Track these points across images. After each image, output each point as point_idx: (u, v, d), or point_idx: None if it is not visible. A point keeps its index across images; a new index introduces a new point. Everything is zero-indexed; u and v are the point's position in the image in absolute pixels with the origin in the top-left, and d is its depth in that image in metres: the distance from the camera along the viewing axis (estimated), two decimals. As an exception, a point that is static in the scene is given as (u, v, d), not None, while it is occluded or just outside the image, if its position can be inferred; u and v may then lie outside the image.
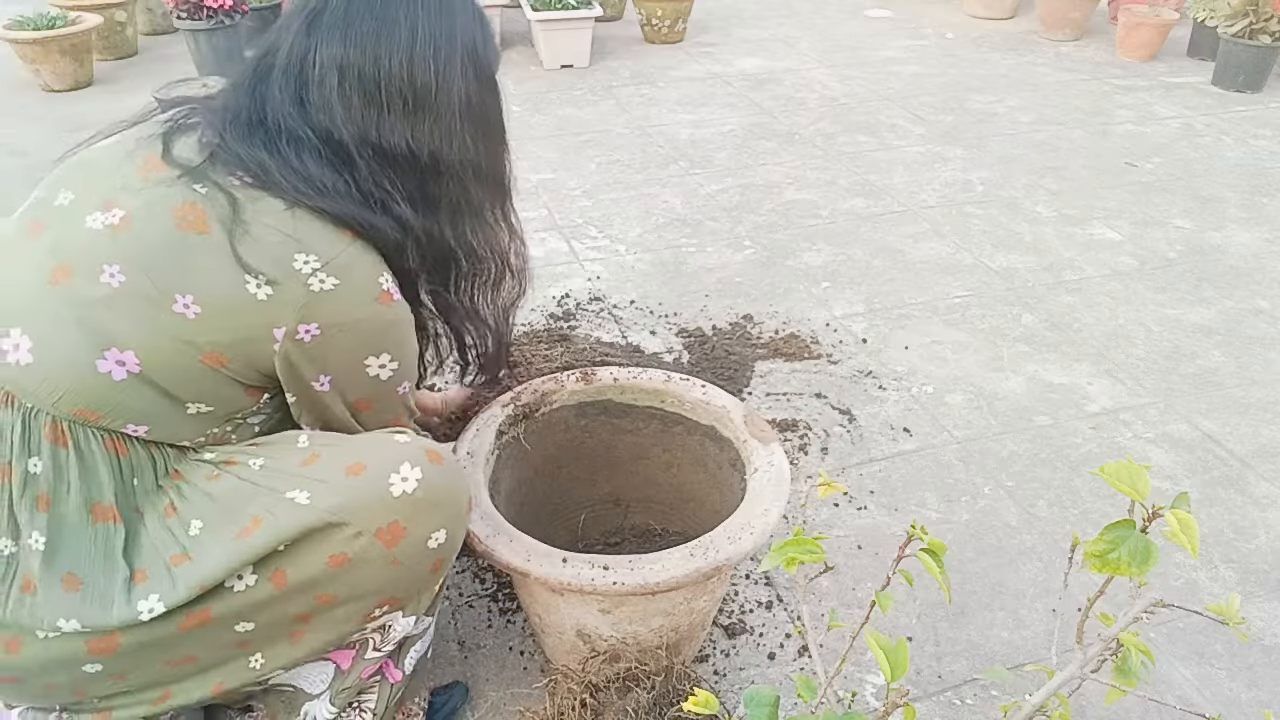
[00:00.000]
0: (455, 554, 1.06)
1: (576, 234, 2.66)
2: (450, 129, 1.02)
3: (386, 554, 0.96)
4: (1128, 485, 0.69)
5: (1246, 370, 2.11)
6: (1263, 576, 1.57)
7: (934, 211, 2.83)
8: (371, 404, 1.06)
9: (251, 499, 0.95)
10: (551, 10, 3.99)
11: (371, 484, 0.95)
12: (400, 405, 1.10)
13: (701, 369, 2.03)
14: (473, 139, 1.05)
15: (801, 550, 0.76)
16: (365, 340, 1.00)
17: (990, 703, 1.34)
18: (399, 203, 1.00)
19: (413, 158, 1.01)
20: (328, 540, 0.94)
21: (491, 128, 1.09)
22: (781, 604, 1.49)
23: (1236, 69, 3.85)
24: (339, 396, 1.03)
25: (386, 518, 0.95)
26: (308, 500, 0.94)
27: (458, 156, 1.04)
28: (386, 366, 1.03)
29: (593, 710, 1.15)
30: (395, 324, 1.02)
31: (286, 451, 1.00)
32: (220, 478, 0.98)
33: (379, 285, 0.99)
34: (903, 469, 1.79)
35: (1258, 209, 2.88)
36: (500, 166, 1.13)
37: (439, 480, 0.99)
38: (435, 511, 0.99)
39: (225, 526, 0.94)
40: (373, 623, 1.05)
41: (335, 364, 0.99)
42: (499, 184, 1.14)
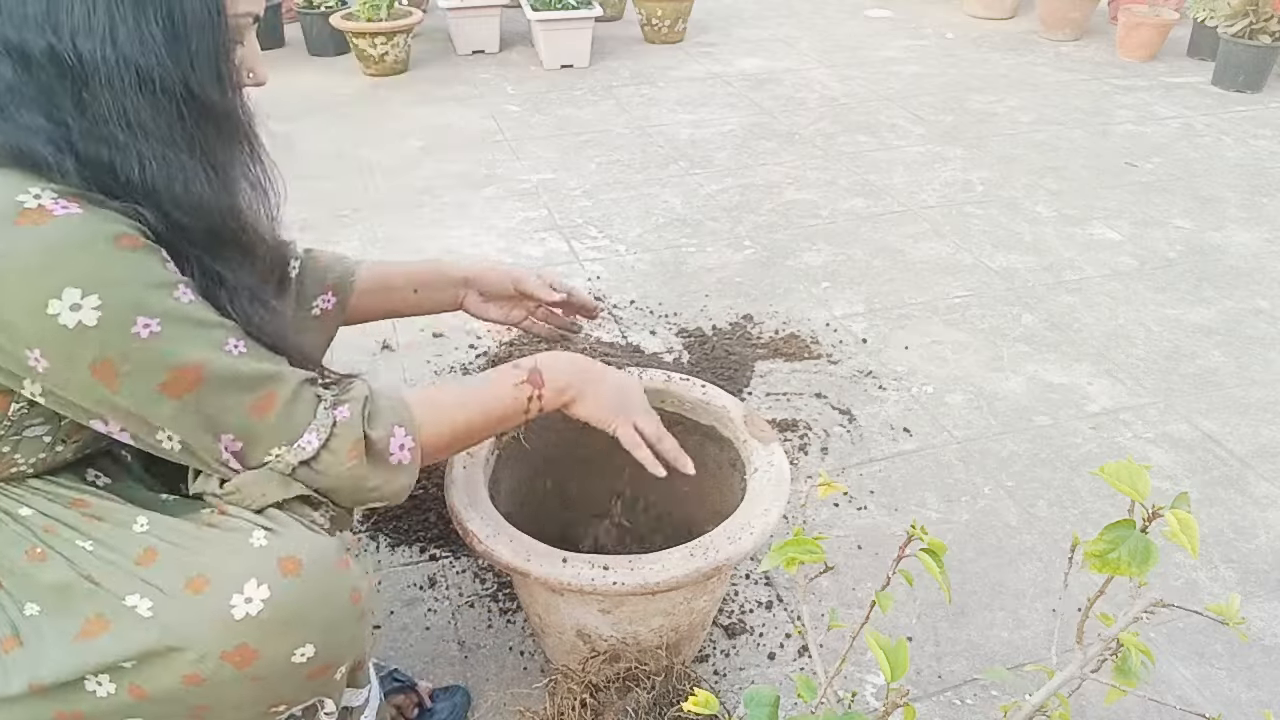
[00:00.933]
0: (341, 657, 0.89)
1: (576, 234, 2.66)
2: (99, 17, 0.75)
3: (240, 674, 0.81)
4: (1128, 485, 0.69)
5: (1246, 370, 2.11)
6: (1263, 576, 1.57)
7: (934, 211, 2.83)
8: (114, 369, 0.77)
9: (89, 597, 0.80)
10: (551, 10, 3.99)
11: (211, 604, 0.80)
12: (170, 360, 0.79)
13: (701, 369, 2.03)
14: (136, 33, 0.76)
15: (801, 550, 0.76)
16: (29, 282, 0.73)
17: (990, 703, 1.34)
18: (30, 112, 0.75)
19: (53, 56, 0.75)
20: (174, 661, 0.80)
21: (177, 21, 0.78)
22: (781, 604, 1.49)
23: (1236, 69, 3.85)
24: (67, 370, 0.77)
25: (231, 641, 0.80)
26: (150, 613, 0.79)
27: (114, 56, 0.76)
28: (84, 307, 0.74)
29: (593, 710, 1.15)
30: (68, 245, 0.74)
31: (121, 537, 0.84)
32: (47, 559, 0.82)
33: (17, 203, 0.73)
34: (903, 469, 1.79)
35: (1258, 209, 2.88)
36: (192, 78, 0.80)
37: (291, 599, 0.82)
38: (290, 630, 0.83)
39: (62, 619, 0.80)
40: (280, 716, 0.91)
41: (21, 326, 0.74)
42: (189, 100, 0.80)
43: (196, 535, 0.84)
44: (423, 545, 1.57)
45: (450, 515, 1.17)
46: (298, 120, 3.43)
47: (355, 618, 0.89)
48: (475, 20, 4.18)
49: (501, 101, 3.69)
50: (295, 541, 0.85)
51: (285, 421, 0.86)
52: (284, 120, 3.41)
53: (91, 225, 0.75)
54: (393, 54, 3.89)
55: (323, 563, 0.85)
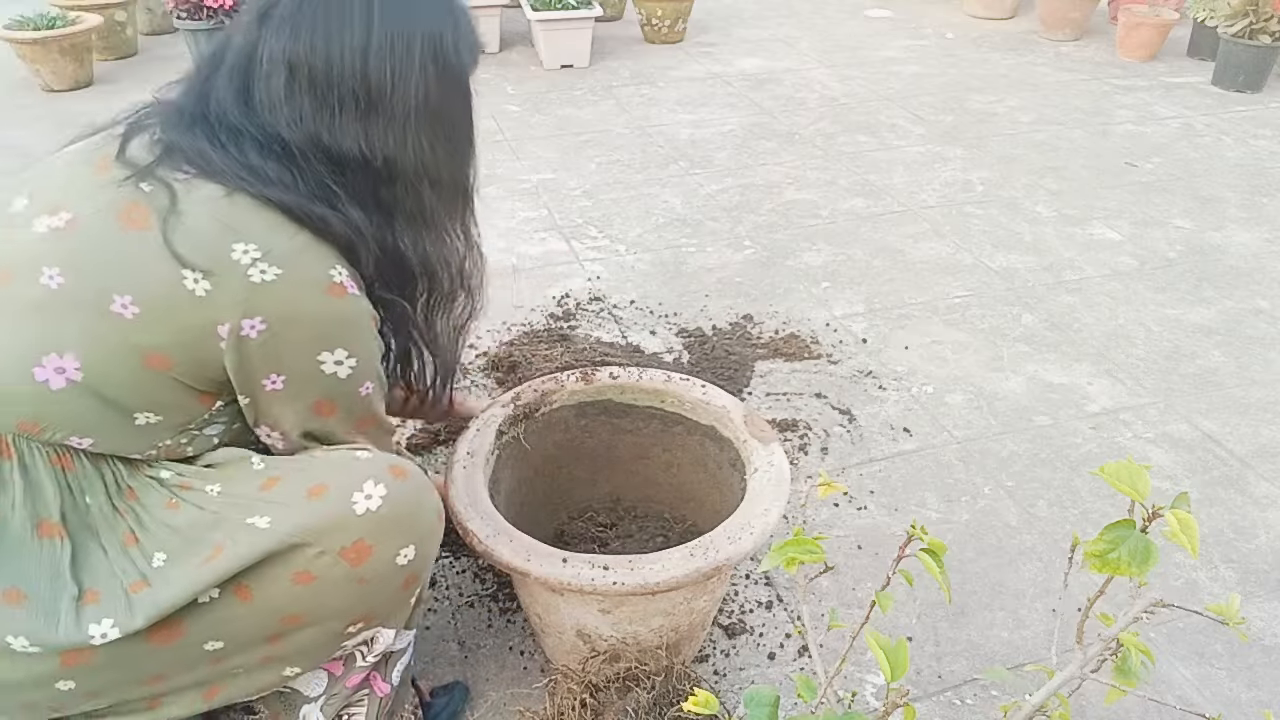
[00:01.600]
0: (428, 568, 1.03)
1: (576, 234, 2.66)
2: (405, 132, 0.96)
3: (352, 572, 0.93)
4: (1128, 485, 0.69)
5: (1246, 370, 2.11)
6: (1263, 576, 1.57)
7: (934, 211, 2.83)
8: (335, 407, 0.99)
9: (213, 527, 0.92)
10: (551, 10, 3.99)
11: (333, 503, 0.92)
12: (365, 409, 1.03)
13: (701, 369, 2.03)
14: (431, 144, 0.98)
15: (801, 550, 0.76)
16: (317, 335, 0.93)
17: (990, 703, 1.34)
18: (346, 204, 0.94)
19: (365, 162, 0.95)
20: (291, 560, 0.91)
21: (455, 133, 1.02)
22: (781, 604, 1.49)
23: (1236, 69, 3.85)
24: (295, 398, 0.96)
25: (350, 537, 0.92)
26: (268, 524, 0.91)
27: (413, 162, 0.98)
28: (344, 364, 0.96)
29: (593, 710, 1.15)
30: (351, 318, 0.95)
31: (243, 475, 0.96)
32: (179, 507, 0.94)
33: (329, 277, 0.92)
34: (903, 469, 1.79)
35: (1258, 209, 2.88)
36: (463, 175, 1.06)
37: (404, 496, 0.96)
38: (402, 528, 0.96)
39: (189, 557, 0.91)
40: (351, 640, 1.03)
41: (287, 361, 0.93)
42: (460, 194, 1.07)
43: (309, 460, 0.98)
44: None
45: (450, 515, 1.17)
46: (298, 120, 3.42)
47: (439, 534, 1.03)
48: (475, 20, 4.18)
49: (501, 101, 3.69)
50: (395, 457, 1.01)
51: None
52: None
53: (363, 306, 0.97)
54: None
55: (419, 475, 1.00)
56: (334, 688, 1.09)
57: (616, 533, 1.53)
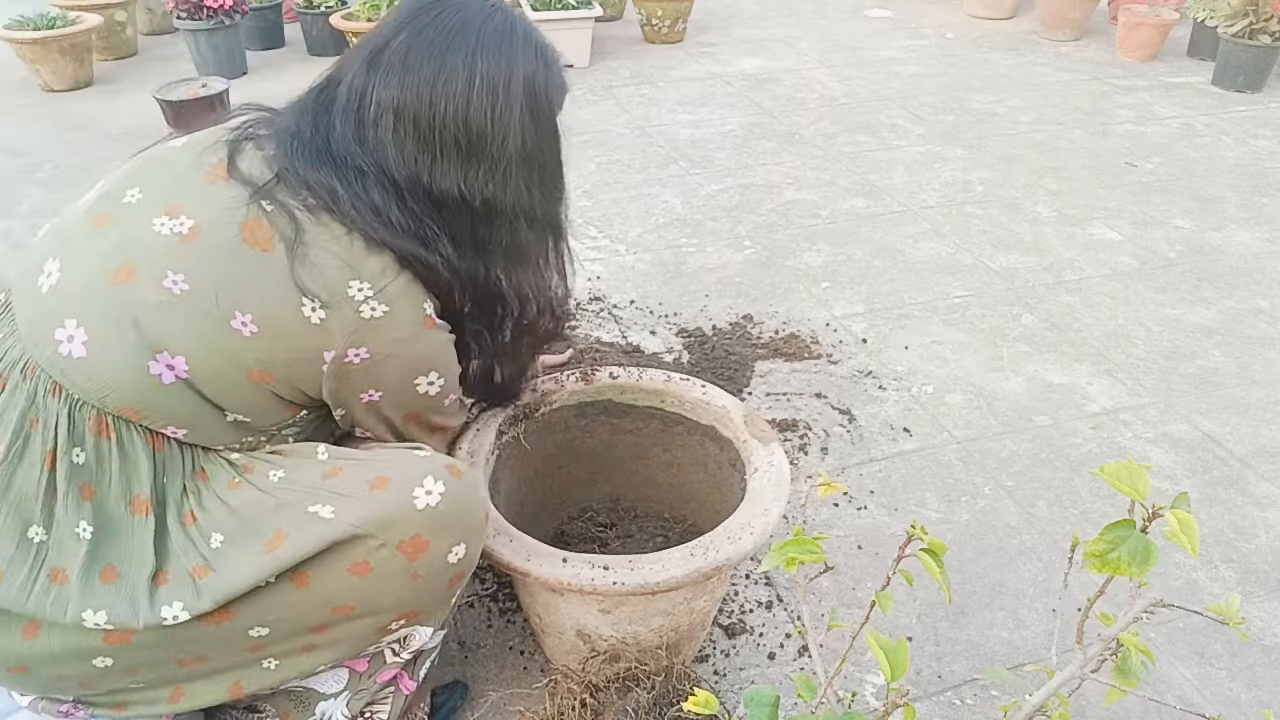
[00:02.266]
0: (473, 568, 1.06)
1: (576, 234, 2.65)
2: (505, 176, 1.02)
3: (408, 567, 0.96)
4: (1128, 485, 0.69)
5: (1246, 370, 2.11)
6: (1263, 576, 1.57)
7: (934, 211, 2.83)
8: (421, 416, 1.11)
9: (275, 512, 0.95)
10: (551, 10, 3.99)
11: (396, 497, 0.96)
12: (446, 416, 1.15)
13: (701, 369, 2.03)
14: (527, 186, 1.04)
15: (801, 550, 0.76)
16: (413, 363, 1.03)
17: (990, 703, 1.34)
18: (444, 243, 1.01)
19: (464, 203, 1.01)
20: (351, 550, 0.94)
21: (548, 174, 1.08)
22: (781, 604, 1.49)
23: (1236, 69, 3.85)
24: (389, 410, 1.06)
25: (410, 530, 0.96)
26: (332, 514, 0.94)
27: (511, 203, 1.04)
28: (435, 384, 1.07)
29: (593, 710, 1.15)
30: (441, 346, 1.05)
31: (307, 464, 1.00)
32: (241, 487, 0.98)
33: (424, 312, 1.01)
34: (903, 469, 1.79)
35: (1258, 209, 2.88)
36: (555, 212, 1.13)
37: (461, 494, 1.00)
38: (456, 525, 0.99)
39: (247, 541, 0.94)
40: (388, 636, 1.05)
41: (385, 383, 1.02)
42: (553, 229, 1.14)
43: (370, 454, 1.02)
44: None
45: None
46: (298, 120, 3.42)
47: (484, 533, 1.07)
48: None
49: (501, 101, 3.69)
50: (449, 457, 1.07)
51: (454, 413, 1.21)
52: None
53: (448, 335, 1.06)
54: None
55: (473, 476, 1.05)
56: (358, 684, 1.10)
57: (616, 533, 1.53)
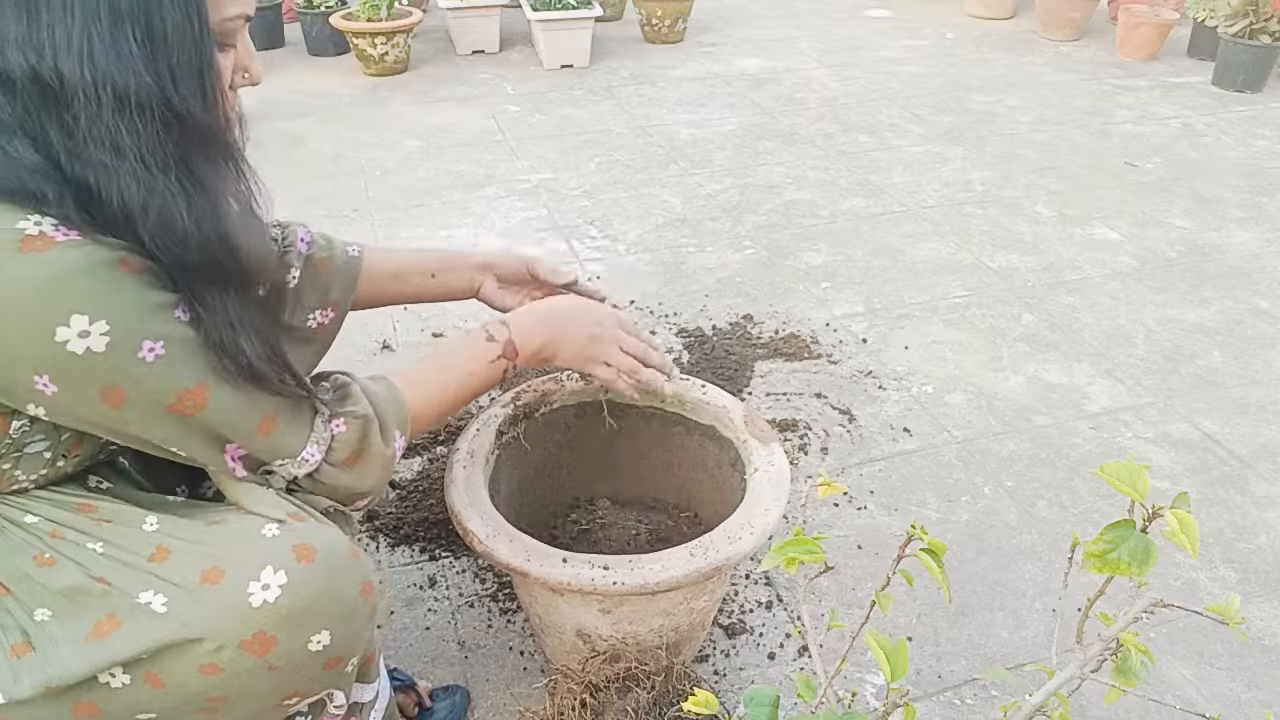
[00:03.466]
0: (356, 648, 0.91)
1: (576, 234, 2.66)
2: (77, 33, 0.71)
3: (260, 663, 0.83)
4: (1128, 485, 0.69)
5: (1246, 370, 2.11)
6: (1263, 576, 1.57)
7: (934, 211, 2.83)
8: (122, 394, 0.77)
9: (101, 598, 0.81)
10: (551, 10, 3.99)
11: (228, 594, 0.81)
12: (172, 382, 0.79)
13: (701, 369, 2.03)
14: (115, 50, 0.72)
15: (801, 550, 0.76)
16: (35, 310, 0.72)
17: (990, 703, 1.34)
18: (20, 143, 0.73)
19: (34, 76, 0.71)
20: (191, 652, 0.81)
21: (157, 35, 0.74)
22: (781, 604, 1.49)
23: (1236, 69, 3.84)
24: (75, 397, 0.77)
25: (249, 629, 0.81)
26: (164, 608, 0.80)
27: (89, 73, 0.72)
28: (92, 333, 0.74)
29: (593, 710, 1.15)
30: (66, 275, 0.72)
31: (131, 537, 0.84)
32: (56, 563, 0.83)
33: (18, 232, 0.72)
34: (903, 469, 1.79)
35: (1258, 209, 2.88)
36: (177, 98, 0.76)
37: (310, 584, 0.83)
38: (308, 617, 0.84)
39: (75, 621, 0.81)
40: (294, 707, 0.92)
41: (22, 352, 0.73)
42: (178, 119, 0.76)
43: (206, 531, 0.85)
44: (423, 545, 1.57)
45: (450, 515, 1.17)
46: (298, 120, 3.43)
47: (367, 609, 0.90)
48: (475, 20, 4.18)
49: (501, 101, 3.69)
50: (307, 531, 0.86)
51: (288, 437, 0.89)
52: (285, 120, 3.41)
53: (94, 250, 0.74)
54: (393, 54, 3.89)
55: (336, 551, 0.87)
56: None
57: (616, 532, 1.53)
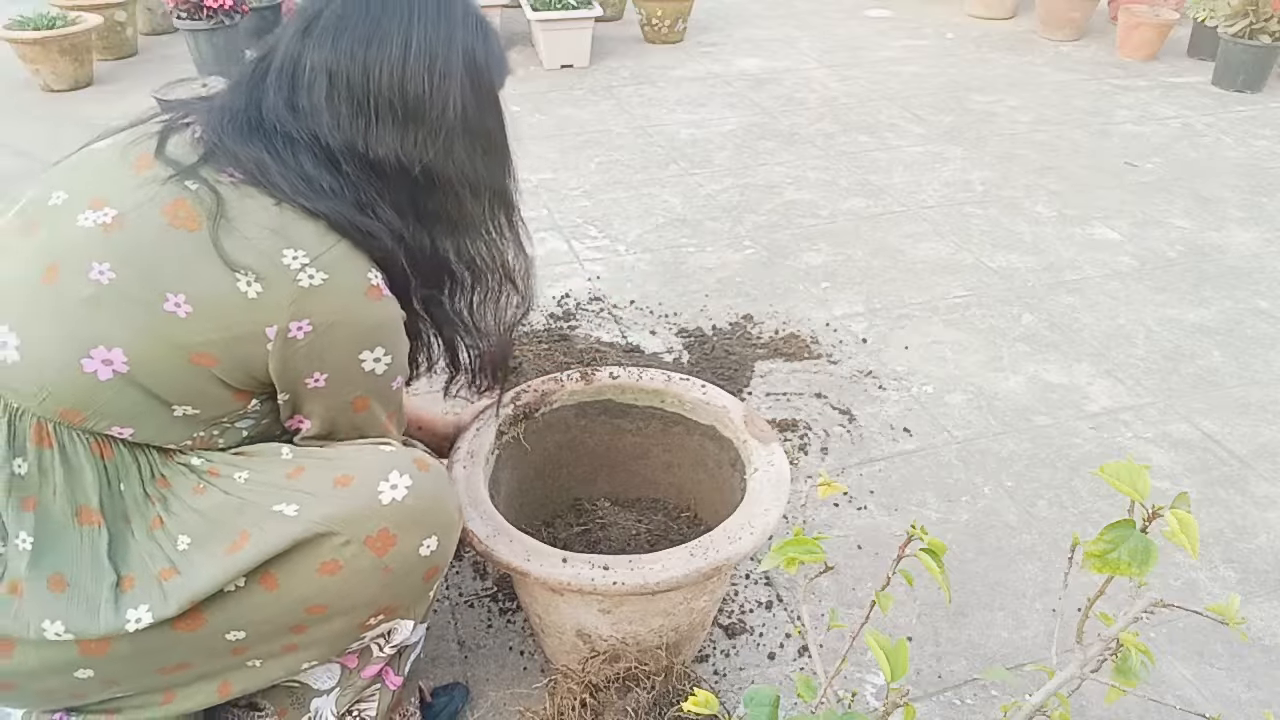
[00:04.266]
0: (448, 562, 1.05)
1: (576, 234, 2.66)
2: (444, 144, 1.00)
3: (378, 561, 0.95)
4: (1128, 485, 0.69)
5: (1246, 370, 2.11)
6: (1263, 576, 1.57)
7: (934, 211, 2.83)
8: (369, 402, 1.03)
9: (239, 513, 0.94)
10: (551, 10, 3.99)
11: (360, 493, 0.95)
12: (395, 401, 1.08)
13: (701, 369, 2.03)
14: (469, 154, 1.02)
15: (801, 550, 0.76)
16: (359, 335, 0.97)
17: (990, 703, 1.34)
18: (386, 210, 0.99)
19: (403, 171, 0.99)
20: (318, 549, 0.93)
21: (492, 143, 1.06)
22: (781, 604, 1.49)
23: (1236, 69, 3.85)
24: (336, 394, 1.00)
25: (376, 525, 0.95)
26: (295, 513, 0.93)
27: (453, 172, 1.02)
28: (381, 360, 1.00)
29: (593, 710, 1.15)
30: (388, 319, 1.00)
31: (271, 464, 0.99)
32: (206, 491, 0.96)
33: (368, 280, 0.96)
34: (903, 469, 1.79)
35: (1258, 209, 2.88)
36: (501, 181, 1.10)
37: (428, 488, 0.99)
38: (425, 519, 0.99)
39: (213, 542, 0.93)
40: (370, 632, 1.05)
41: (330, 360, 0.97)
42: (500, 199, 1.11)
43: (335, 451, 1.01)
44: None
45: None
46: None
47: (460, 524, 1.06)
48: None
49: (501, 101, 3.69)
50: (417, 451, 1.06)
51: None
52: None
53: (396, 308, 1.01)
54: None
55: (441, 469, 1.05)
56: (348, 680, 1.10)
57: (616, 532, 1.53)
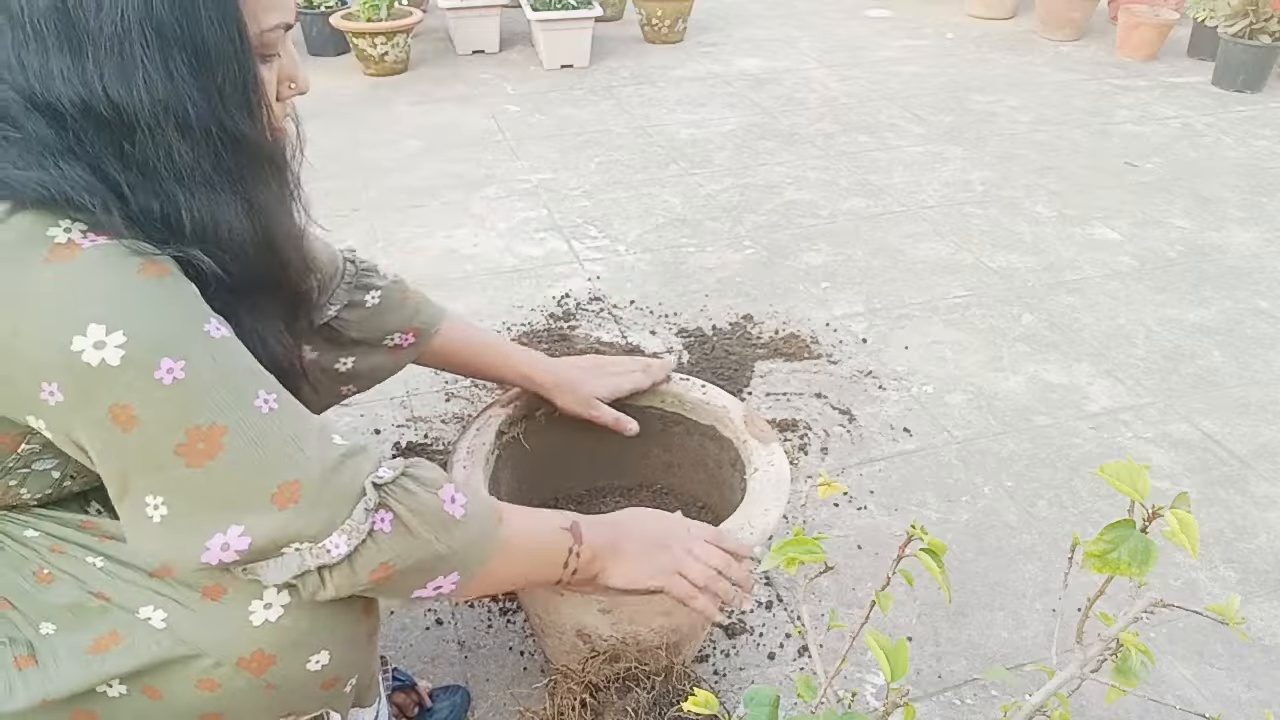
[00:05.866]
0: (355, 669, 0.91)
1: (576, 234, 2.66)
2: (125, 62, 0.70)
3: (256, 681, 0.83)
4: (1128, 485, 0.69)
5: (1246, 370, 2.11)
6: (1263, 576, 1.57)
7: (934, 211, 2.83)
8: (131, 411, 0.70)
9: (102, 615, 0.81)
10: (551, 10, 3.99)
11: (229, 610, 0.80)
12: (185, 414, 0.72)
13: (701, 369, 2.03)
14: (164, 75, 0.71)
15: (801, 550, 0.76)
16: (54, 318, 0.69)
17: (990, 703, 1.34)
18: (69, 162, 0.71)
19: (85, 109, 0.71)
20: (189, 667, 0.81)
21: (205, 63, 0.73)
22: (781, 604, 1.49)
23: (1236, 69, 3.84)
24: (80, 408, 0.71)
25: (248, 648, 0.81)
26: (164, 624, 0.80)
27: (146, 101, 0.71)
28: (107, 344, 0.69)
29: (593, 710, 1.15)
30: (90, 281, 0.70)
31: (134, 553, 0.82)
32: (54, 580, 0.82)
33: (47, 240, 0.70)
34: (903, 469, 1.79)
35: (1258, 209, 2.88)
36: (230, 118, 0.76)
37: (311, 605, 0.83)
38: (308, 638, 0.84)
39: (76, 635, 0.81)
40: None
41: (39, 361, 0.70)
42: (231, 140, 0.77)
43: None
44: (423, 545, 1.57)
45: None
46: (298, 120, 3.42)
47: (368, 628, 0.90)
48: (475, 20, 4.18)
49: (501, 101, 3.69)
50: None
51: (309, 515, 0.77)
52: (284, 120, 3.40)
53: (117, 254, 0.71)
54: (393, 54, 3.89)
55: None
56: None
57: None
